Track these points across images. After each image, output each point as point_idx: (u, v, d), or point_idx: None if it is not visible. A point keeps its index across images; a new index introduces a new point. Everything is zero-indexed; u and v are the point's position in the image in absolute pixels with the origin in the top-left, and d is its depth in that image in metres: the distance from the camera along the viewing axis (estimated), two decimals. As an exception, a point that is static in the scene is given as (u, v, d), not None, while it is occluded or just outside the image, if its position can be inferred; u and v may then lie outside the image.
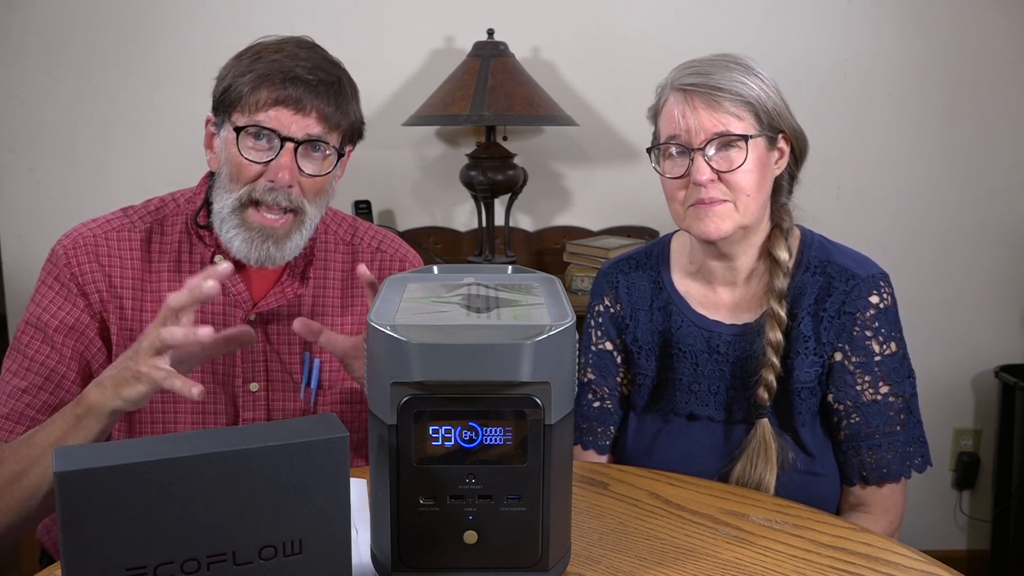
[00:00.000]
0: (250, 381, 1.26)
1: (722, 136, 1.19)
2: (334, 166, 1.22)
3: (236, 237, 1.19)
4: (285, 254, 1.21)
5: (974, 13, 2.37)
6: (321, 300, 1.31)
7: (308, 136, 1.17)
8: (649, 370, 1.34)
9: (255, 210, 1.18)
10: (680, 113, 1.21)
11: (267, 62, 1.17)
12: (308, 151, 1.19)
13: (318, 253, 1.32)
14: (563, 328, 0.80)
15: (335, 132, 1.21)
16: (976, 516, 2.58)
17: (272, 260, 1.20)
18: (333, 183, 1.26)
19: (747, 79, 1.21)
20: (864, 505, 1.26)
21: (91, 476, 0.65)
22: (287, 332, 1.27)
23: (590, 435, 1.38)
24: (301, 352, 1.29)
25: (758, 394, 1.24)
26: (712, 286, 1.32)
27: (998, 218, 2.47)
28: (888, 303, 1.25)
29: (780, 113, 1.24)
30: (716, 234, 1.22)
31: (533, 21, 2.33)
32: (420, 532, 0.82)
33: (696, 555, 0.94)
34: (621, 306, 1.37)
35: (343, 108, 1.21)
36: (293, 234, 1.20)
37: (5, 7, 2.20)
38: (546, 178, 2.41)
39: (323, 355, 1.29)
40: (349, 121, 1.23)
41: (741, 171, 1.20)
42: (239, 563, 0.70)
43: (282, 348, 1.28)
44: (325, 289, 1.32)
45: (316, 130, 1.18)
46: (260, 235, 1.18)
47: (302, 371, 1.28)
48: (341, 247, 1.35)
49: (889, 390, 1.24)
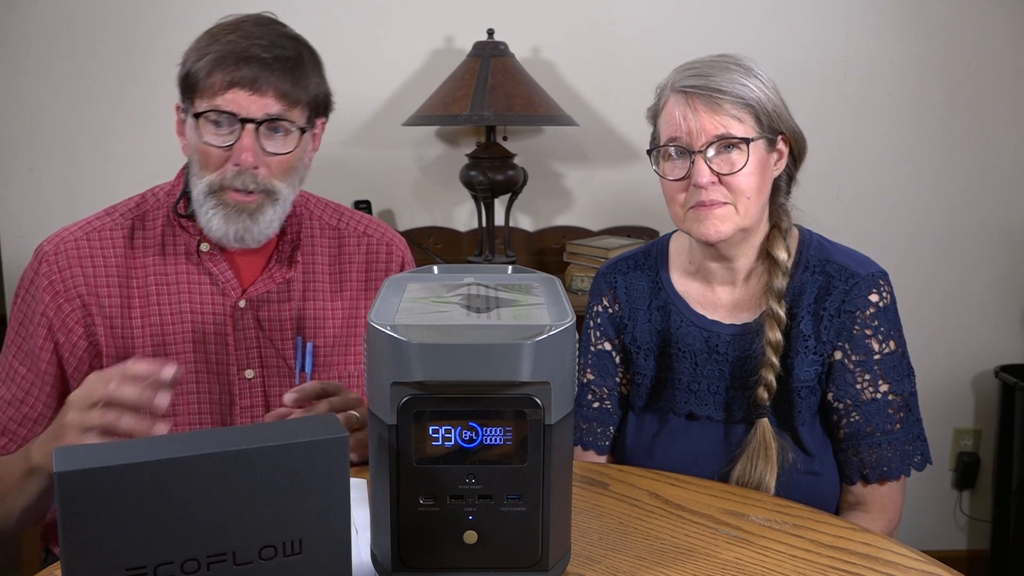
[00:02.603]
0: (244, 368, 1.26)
1: (723, 138, 1.19)
2: (297, 144, 1.21)
3: (214, 216, 1.19)
4: (262, 228, 1.21)
5: (974, 13, 2.37)
6: (311, 285, 1.31)
7: (267, 115, 1.17)
8: (648, 370, 1.34)
9: (227, 191, 1.19)
10: (681, 115, 1.21)
11: (222, 43, 1.17)
12: (269, 131, 1.18)
13: (305, 238, 1.32)
14: (563, 328, 0.80)
15: (296, 108, 1.19)
16: (976, 516, 2.58)
17: (251, 235, 1.20)
18: (305, 159, 1.26)
19: (747, 81, 1.21)
20: (863, 504, 1.26)
21: (91, 476, 0.65)
22: (279, 317, 1.28)
23: (590, 435, 1.38)
24: (293, 336, 1.29)
25: (758, 394, 1.24)
26: (711, 286, 1.32)
27: (998, 218, 2.47)
28: (888, 301, 1.25)
29: (780, 114, 1.24)
30: (716, 237, 1.22)
31: (533, 21, 2.33)
32: (420, 532, 0.82)
33: (696, 555, 0.94)
34: (620, 306, 1.37)
35: (302, 83, 1.19)
36: (266, 208, 1.20)
37: (5, 7, 2.20)
38: (546, 178, 2.41)
39: (315, 339, 1.29)
40: (310, 95, 1.21)
41: (742, 174, 1.20)
42: (239, 563, 0.70)
43: (274, 334, 1.28)
44: (314, 274, 1.32)
45: (275, 109, 1.17)
46: (235, 210, 1.19)
47: (295, 356, 1.28)
48: (327, 232, 1.35)
49: (888, 388, 1.24)
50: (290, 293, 1.29)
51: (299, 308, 1.30)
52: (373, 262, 1.36)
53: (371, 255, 1.36)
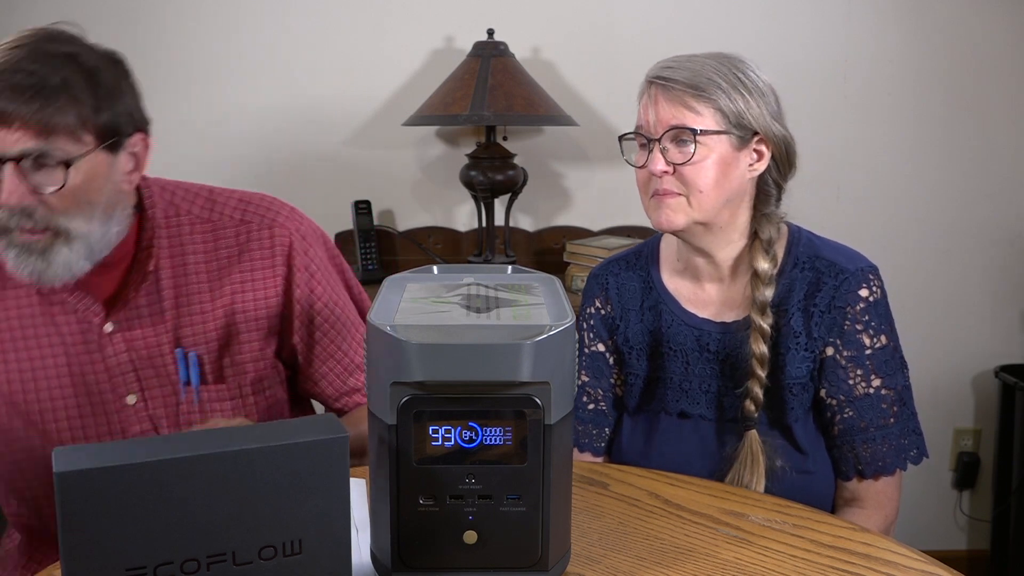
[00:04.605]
0: (124, 395, 1.19)
1: (676, 128, 1.20)
2: (68, 177, 1.04)
3: (9, 257, 1.08)
4: (58, 270, 1.08)
5: (974, 13, 2.37)
6: (184, 289, 1.21)
7: (23, 152, 1.01)
8: (640, 370, 1.34)
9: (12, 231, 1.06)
10: (643, 104, 1.24)
11: None
12: (37, 165, 1.03)
13: (168, 240, 1.21)
14: (563, 328, 0.80)
15: (61, 137, 1.03)
16: (976, 516, 2.58)
17: (47, 276, 1.08)
18: (107, 186, 1.10)
19: (719, 77, 1.19)
20: (859, 500, 1.26)
21: (91, 476, 0.65)
22: (153, 333, 1.19)
23: (585, 437, 1.38)
24: (172, 350, 1.20)
25: (745, 406, 1.24)
26: (700, 283, 1.32)
27: (998, 218, 2.47)
28: (878, 296, 1.24)
29: (757, 116, 1.21)
30: (668, 226, 1.23)
31: (533, 21, 2.33)
32: (420, 532, 0.82)
33: (696, 555, 0.94)
34: (612, 307, 1.37)
35: (62, 108, 1.03)
36: (59, 249, 1.07)
37: (5, 7, 2.20)
38: (546, 178, 2.41)
39: (198, 346, 1.20)
40: (78, 120, 1.04)
41: (694, 165, 1.19)
42: (239, 563, 0.70)
43: (151, 351, 1.19)
44: (187, 276, 1.21)
45: (30, 144, 1.01)
46: (24, 250, 1.07)
47: (178, 370, 1.20)
48: (198, 227, 1.23)
49: (881, 383, 1.24)
50: (161, 304, 1.19)
51: (174, 318, 1.20)
52: (256, 250, 1.23)
53: (253, 243, 1.23)
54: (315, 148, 2.34)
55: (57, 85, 1.03)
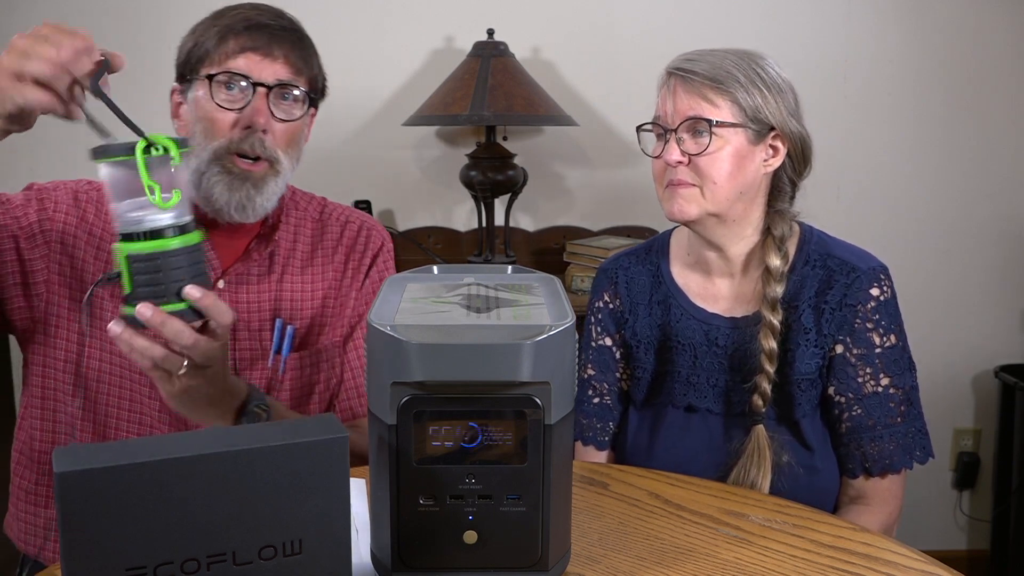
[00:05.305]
0: None
1: (693, 119, 1.21)
2: (305, 111, 1.23)
3: (218, 183, 1.18)
4: (263, 200, 1.21)
5: (974, 13, 2.37)
6: (290, 266, 1.31)
7: (279, 80, 1.19)
8: (648, 364, 1.35)
9: (232, 157, 1.18)
10: (662, 95, 1.25)
11: (229, 18, 1.20)
12: (279, 98, 1.20)
13: (288, 220, 1.32)
14: (563, 328, 0.80)
15: (303, 78, 1.22)
16: (976, 516, 2.58)
17: (252, 205, 1.20)
18: (305, 134, 1.28)
19: (738, 71, 1.21)
20: (864, 497, 1.26)
21: (91, 476, 0.65)
22: (256, 299, 1.27)
23: (590, 431, 1.38)
24: (272, 318, 1.28)
25: (753, 401, 1.24)
26: (711, 278, 1.33)
27: (998, 218, 2.47)
28: (888, 296, 1.25)
29: (774, 111, 1.23)
30: (681, 216, 1.24)
31: (533, 21, 2.33)
32: (420, 532, 0.82)
33: (696, 555, 0.94)
34: (620, 301, 1.38)
35: (307, 58, 1.23)
36: (269, 181, 1.20)
37: (5, 7, 2.20)
38: (546, 178, 2.41)
39: (294, 321, 1.29)
40: (313, 72, 1.24)
41: (709, 156, 1.20)
42: (239, 563, 0.70)
43: (251, 316, 1.27)
44: (294, 257, 1.32)
45: (285, 75, 1.19)
46: (239, 178, 1.18)
47: (272, 338, 1.27)
48: (309, 223, 1.35)
49: (890, 382, 1.24)
50: (270, 273, 1.29)
51: (277, 290, 1.29)
52: (352, 245, 1.36)
53: (348, 240, 1.36)
54: (315, 147, 2.33)
55: (305, 37, 1.25)
